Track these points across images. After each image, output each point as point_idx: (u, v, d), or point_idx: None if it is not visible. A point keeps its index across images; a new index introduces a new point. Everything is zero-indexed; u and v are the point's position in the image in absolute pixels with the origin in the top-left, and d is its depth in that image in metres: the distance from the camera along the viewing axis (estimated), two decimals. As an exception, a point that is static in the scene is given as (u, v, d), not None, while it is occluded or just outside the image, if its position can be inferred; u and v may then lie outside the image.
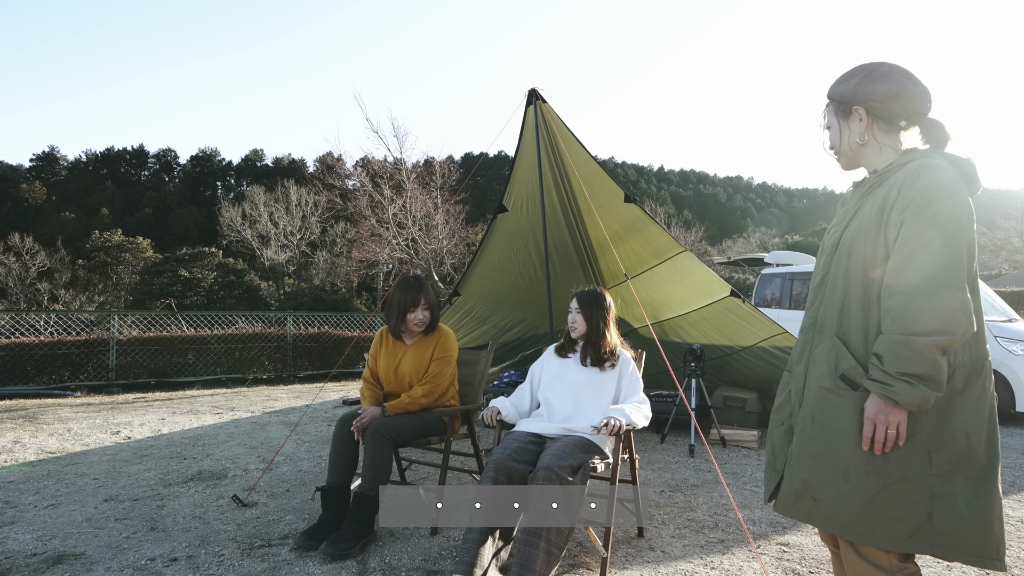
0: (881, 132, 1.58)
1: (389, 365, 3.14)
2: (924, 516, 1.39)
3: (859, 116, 1.58)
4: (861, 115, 1.57)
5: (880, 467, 1.42)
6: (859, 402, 1.45)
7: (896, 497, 1.41)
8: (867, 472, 1.43)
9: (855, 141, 1.59)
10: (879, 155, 1.59)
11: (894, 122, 1.56)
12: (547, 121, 4.63)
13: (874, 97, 1.55)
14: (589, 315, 2.82)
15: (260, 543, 2.70)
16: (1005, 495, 3.72)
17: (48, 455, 4.37)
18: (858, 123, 1.58)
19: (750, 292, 10.69)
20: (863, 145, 1.59)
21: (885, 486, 1.41)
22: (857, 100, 1.57)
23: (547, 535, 2.14)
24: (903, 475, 1.40)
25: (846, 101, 1.59)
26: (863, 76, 1.57)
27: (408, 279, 3.13)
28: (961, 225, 1.37)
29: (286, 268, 33.23)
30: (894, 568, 1.43)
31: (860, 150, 1.61)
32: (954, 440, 1.40)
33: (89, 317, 11.71)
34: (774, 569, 2.53)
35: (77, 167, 66.25)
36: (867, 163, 1.62)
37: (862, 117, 1.57)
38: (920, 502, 1.39)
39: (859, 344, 1.49)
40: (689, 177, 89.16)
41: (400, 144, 20.97)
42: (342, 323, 11.15)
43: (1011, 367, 6.20)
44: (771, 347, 5.14)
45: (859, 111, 1.57)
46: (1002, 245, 30.21)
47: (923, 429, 1.40)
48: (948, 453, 1.40)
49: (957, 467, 1.40)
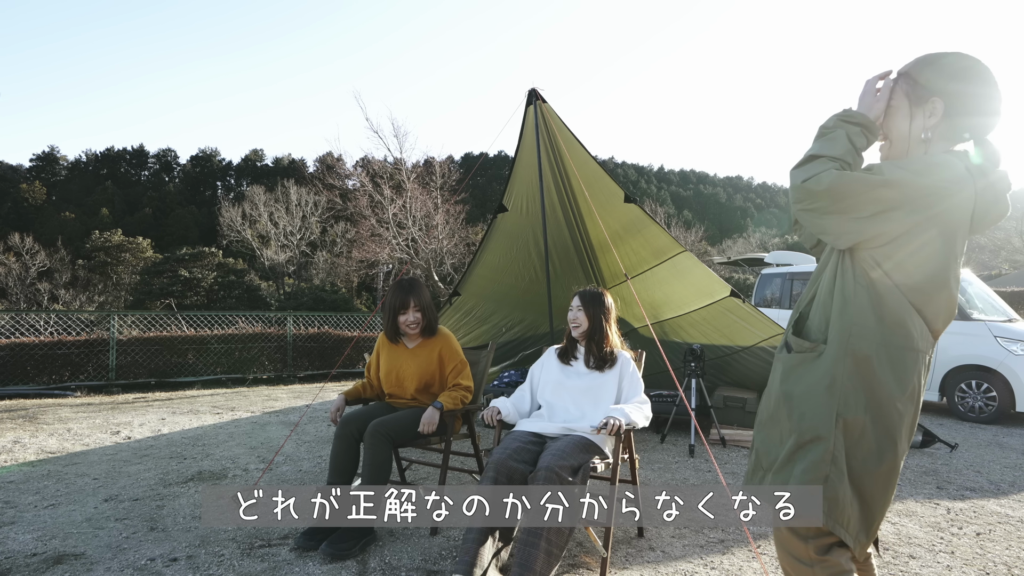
0: (941, 137, 1.38)
1: (391, 369, 3.15)
2: (822, 478, 1.34)
3: (933, 109, 1.36)
4: (936, 109, 1.36)
5: (796, 424, 1.38)
6: (788, 362, 1.45)
7: (806, 455, 1.35)
8: (790, 431, 1.39)
9: (916, 134, 1.39)
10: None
11: (960, 132, 1.37)
12: (547, 121, 4.63)
13: (963, 97, 1.34)
14: (592, 313, 2.82)
15: (260, 543, 2.70)
16: (1005, 495, 3.72)
17: (48, 455, 4.37)
18: (928, 116, 1.37)
19: (750, 292, 10.69)
20: (916, 143, 1.40)
21: (799, 445, 1.37)
22: (945, 93, 1.35)
23: (547, 535, 2.14)
24: (815, 435, 1.35)
25: (929, 87, 1.37)
26: (961, 68, 1.35)
27: (401, 281, 3.14)
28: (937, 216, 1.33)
29: (286, 268, 33.23)
30: (812, 560, 1.38)
31: (912, 147, 1.41)
32: (866, 409, 1.34)
33: (89, 317, 11.71)
34: (774, 569, 2.53)
35: (77, 167, 66.24)
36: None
37: (936, 111, 1.36)
38: (823, 462, 1.34)
39: (816, 315, 1.45)
40: (689, 177, 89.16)
41: (400, 144, 21.03)
42: (342, 323, 11.15)
43: (1011, 367, 6.20)
44: (771, 347, 5.14)
45: (937, 104, 1.36)
46: (1002, 245, 30.20)
47: (839, 389, 1.34)
48: (853, 420, 1.33)
49: (855, 440, 1.34)
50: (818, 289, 1.48)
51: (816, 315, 1.46)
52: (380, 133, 23.00)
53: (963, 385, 6.54)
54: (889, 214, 1.29)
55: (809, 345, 1.42)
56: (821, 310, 1.44)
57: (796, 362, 1.44)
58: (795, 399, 1.40)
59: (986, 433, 5.82)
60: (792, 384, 1.43)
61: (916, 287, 1.33)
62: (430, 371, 3.11)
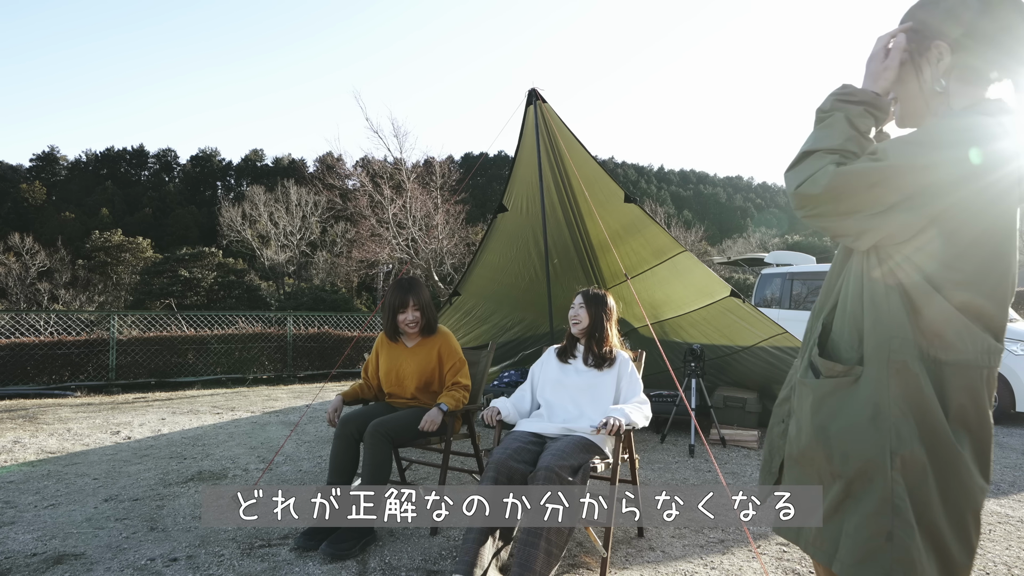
0: (961, 82, 1.16)
1: (390, 368, 3.15)
2: (884, 535, 1.07)
3: (939, 54, 1.16)
4: (943, 53, 1.16)
5: (840, 467, 1.13)
6: (819, 390, 1.19)
7: (858, 506, 1.11)
8: (833, 475, 1.15)
9: (928, 88, 1.18)
10: (934, 117, 1.20)
11: (984, 72, 1.14)
12: (547, 121, 4.63)
13: (969, 31, 1.13)
14: (593, 311, 2.84)
15: (260, 543, 2.70)
16: (1005, 495, 3.72)
17: (48, 455, 4.37)
18: (935, 64, 1.17)
19: (750, 292, 10.69)
20: (932, 98, 1.18)
21: (848, 494, 1.12)
22: (944, 33, 1.15)
23: (547, 535, 2.14)
24: (866, 479, 1.10)
25: (926, 32, 1.18)
26: (959, 1, 1.15)
27: (400, 281, 3.16)
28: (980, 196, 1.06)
29: (286, 268, 33.23)
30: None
31: (929, 101, 1.19)
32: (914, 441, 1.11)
33: (89, 317, 11.71)
34: (774, 569, 2.53)
35: (77, 167, 66.22)
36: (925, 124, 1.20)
37: (943, 56, 1.16)
38: (881, 514, 1.08)
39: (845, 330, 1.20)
40: (689, 177, 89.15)
41: (400, 144, 21.01)
42: (342, 323, 11.15)
43: (1011, 367, 6.21)
44: (771, 347, 5.14)
45: (941, 47, 1.16)
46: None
47: (887, 415, 1.10)
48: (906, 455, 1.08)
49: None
50: (840, 296, 1.24)
51: (844, 329, 1.20)
52: (380, 133, 22.98)
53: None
54: (899, 210, 1.07)
55: (842, 368, 1.16)
56: (851, 322, 1.19)
57: (828, 390, 1.17)
58: (833, 436, 1.15)
59: (986, 433, 5.82)
60: (826, 417, 1.16)
61: (961, 283, 1.08)
62: (429, 369, 3.11)
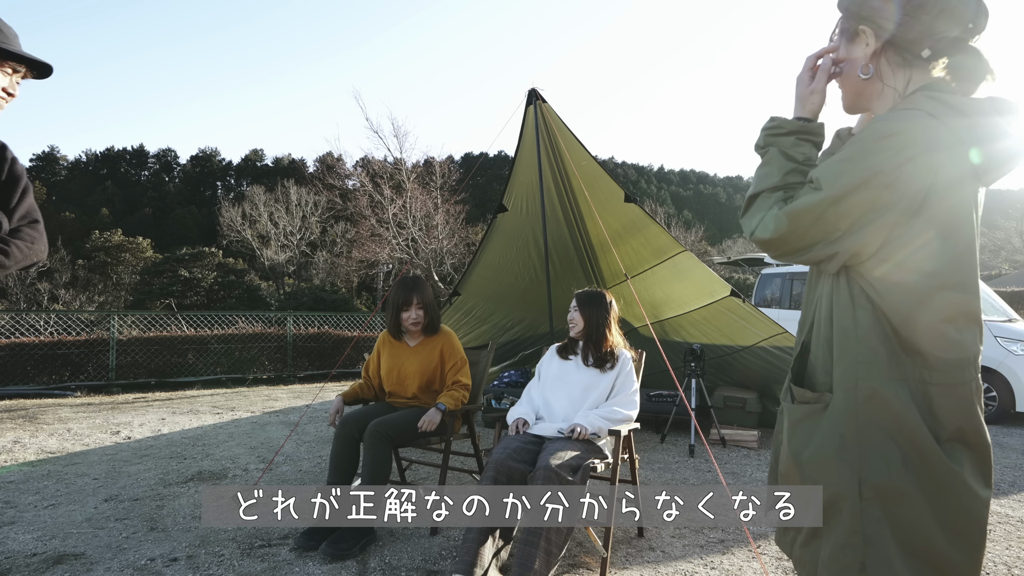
0: (890, 65, 1.12)
1: (392, 366, 3.15)
2: (856, 567, 1.05)
3: (865, 39, 1.12)
4: (868, 38, 1.12)
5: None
6: (792, 415, 1.16)
7: (831, 535, 1.09)
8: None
9: (857, 75, 1.15)
10: (879, 100, 1.16)
11: (912, 50, 1.09)
12: (547, 121, 4.63)
13: (885, 11, 1.08)
14: (588, 314, 2.83)
15: (260, 543, 2.70)
16: (1005, 495, 3.72)
17: (48, 455, 4.37)
18: (863, 48, 1.13)
19: (750, 292, 10.69)
20: (867, 81, 1.14)
21: (824, 522, 1.10)
22: (864, 16, 1.11)
23: (547, 535, 2.14)
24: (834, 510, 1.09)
25: (851, 16, 1.15)
26: None
27: (405, 279, 3.18)
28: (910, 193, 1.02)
29: (286, 268, 33.23)
30: None
31: (863, 89, 1.16)
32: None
33: (89, 317, 11.71)
34: (774, 569, 2.53)
35: (77, 167, 66.24)
36: (873, 108, 1.19)
37: (869, 41, 1.12)
38: (850, 546, 1.05)
39: (820, 353, 1.16)
40: (689, 177, 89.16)
41: (400, 144, 20.99)
42: (342, 323, 11.15)
43: (1011, 367, 6.20)
44: (771, 347, 5.14)
45: (866, 32, 1.12)
46: (1002, 245, 30.23)
47: (852, 446, 1.07)
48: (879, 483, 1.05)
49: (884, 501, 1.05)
50: (815, 317, 1.19)
51: (819, 351, 1.16)
52: (380, 133, 23.02)
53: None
54: (855, 230, 1.03)
55: (812, 396, 1.13)
56: (824, 346, 1.14)
57: (800, 416, 1.15)
58: (804, 464, 1.13)
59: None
60: (799, 444, 1.14)
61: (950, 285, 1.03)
62: (431, 368, 3.12)
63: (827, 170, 1.05)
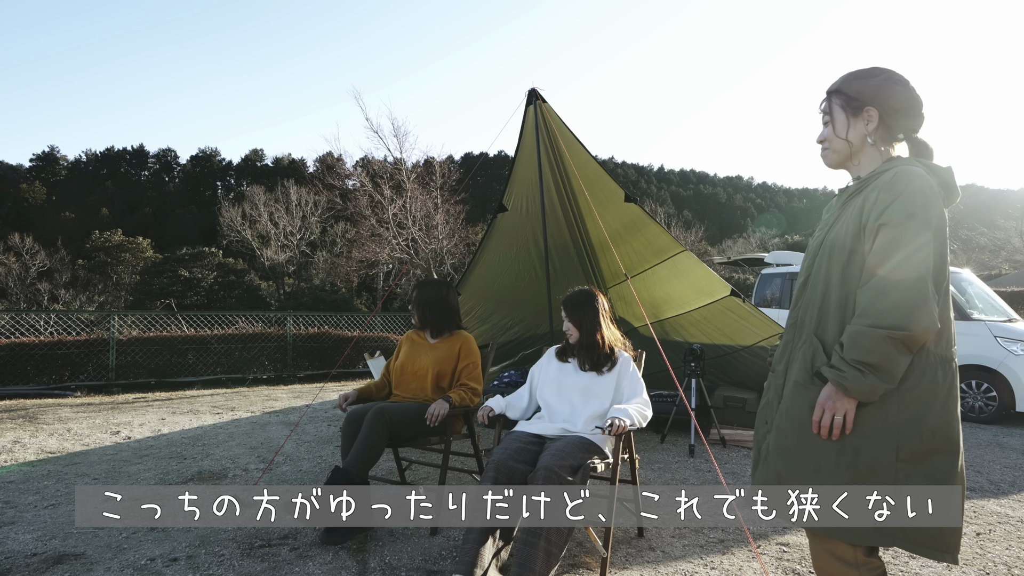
0: (879, 139, 1.58)
1: (407, 359, 3.24)
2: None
3: (870, 118, 1.56)
4: (872, 117, 1.55)
5: (850, 460, 1.44)
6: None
7: (865, 491, 1.43)
8: (837, 465, 1.46)
9: (860, 141, 1.58)
10: (868, 160, 1.59)
11: (895, 132, 1.57)
12: (547, 121, 4.63)
13: (892, 103, 1.53)
14: (579, 320, 2.81)
15: (260, 543, 2.70)
16: (1005, 495, 3.72)
17: (48, 455, 4.37)
18: (866, 124, 1.57)
19: (750, 292, 10.69)
20: (862, 148, 1.59)
21: (854, 480, 1.43)
22: (876, 102, 1.55)
23: (547, 535, 2.14)
24: (871, 469, 1.43)
25: (861, 100, 1.56)
26: (884, 79, 1.55)
27: (425, 280, 3.46)
28: (944, 228, 1.44)
29: (286, 268, 33.24)
30: (859, 562, 1.46)
31: (858, 152, 1.60)
32: (920, 437, 1.41)
33: (89, 317, 11.70)
34: (774, 569, 2.53)
35: (77, 167, 66.26)
36: (853, 167, 1.62)
37: (871, 119, 1.55)
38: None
39: (834, 343, 1.51)
40: (689, 177, 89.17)
41: (400, 144, 20.95)
42: (342, 323, 11.15)
43: (1011, 367, 6.20)
44: (771, 347, 5.14)
45: (871, 113, 1.55)
46: (1002, 245, 30.23)
47: (893, 424, 1.42)
48: (915, 448, 1.41)
49: (922, 462, 1.42)
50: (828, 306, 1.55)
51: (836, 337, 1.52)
52: (380, 133, 22.93)
53: (963, 385, 6.53)
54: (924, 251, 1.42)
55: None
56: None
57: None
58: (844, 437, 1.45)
59: (986, 433, 5.82)
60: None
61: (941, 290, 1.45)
62: (448, 364, 3.19)
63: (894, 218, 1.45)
